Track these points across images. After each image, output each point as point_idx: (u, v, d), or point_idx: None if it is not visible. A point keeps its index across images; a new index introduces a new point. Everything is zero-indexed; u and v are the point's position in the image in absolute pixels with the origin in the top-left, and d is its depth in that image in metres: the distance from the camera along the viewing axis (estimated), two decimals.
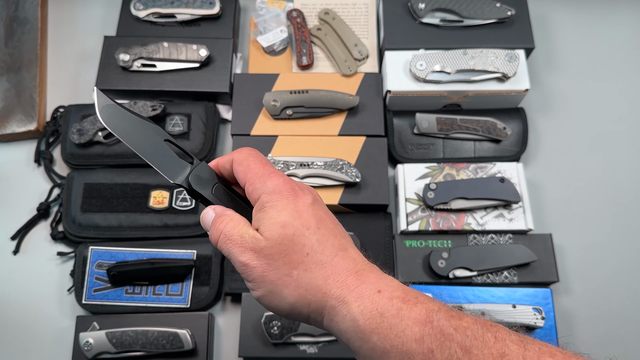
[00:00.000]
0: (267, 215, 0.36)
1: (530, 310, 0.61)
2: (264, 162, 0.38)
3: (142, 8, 0.78)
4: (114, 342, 0.61)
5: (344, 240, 0.37)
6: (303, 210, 0.36)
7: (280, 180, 0.37)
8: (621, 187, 0.74)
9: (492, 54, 0.71)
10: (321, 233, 0.36)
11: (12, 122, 0.75)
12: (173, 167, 0.40)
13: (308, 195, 0.37)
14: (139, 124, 0.39)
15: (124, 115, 0.39)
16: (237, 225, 0.37)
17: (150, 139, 0.40)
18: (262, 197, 0.36)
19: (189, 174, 0.39)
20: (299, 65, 0.76)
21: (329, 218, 0.38)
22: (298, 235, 0.35)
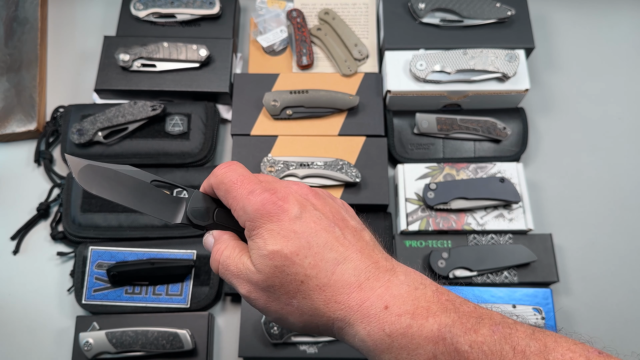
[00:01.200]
0: (255, 245, 0.34)
1: (530, 310, 0.61)
2: (239, 179, 0.36)
3: (142, 8, 0.78)
4: (113, 342, 0.61)
5: (343, 246, 0.34)
6: (290, 231, 0.33)
7: (259, 199, 0.34)
8: (621, 187, 0.74)
9: (492, 54, 0.71)
10: (313, 253, 0.33)
11: (12, 122, 0.75)
12: (168, 207, 0.38)
13: (293, 206, 0.34)
14: (121, 175, 0.38)
15: (103, 173, 0.37)
16: (232, 253, 0.36)
17: (137, 186, 0.38)
18: (246, 224, 0.35)
19: (185, 209, 0.38)
20: (299, 65, 0.76)
21: (322, 222, 0.34)
22: (288, 265, 0.33)
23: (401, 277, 0.33)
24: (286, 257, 0.33)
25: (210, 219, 0.38)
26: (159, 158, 0.71)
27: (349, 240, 0.34)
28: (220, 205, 0.38)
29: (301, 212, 0.34)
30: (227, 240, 0.37)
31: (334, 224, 0.35)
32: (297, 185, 0.37)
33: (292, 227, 0.33)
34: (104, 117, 0.71)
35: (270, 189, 0.35)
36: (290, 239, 0.33)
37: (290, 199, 0.34)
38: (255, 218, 0.34)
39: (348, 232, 0.35)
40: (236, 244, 0.36)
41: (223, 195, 0.36)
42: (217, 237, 0.38)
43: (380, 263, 0.34)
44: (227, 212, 0.38)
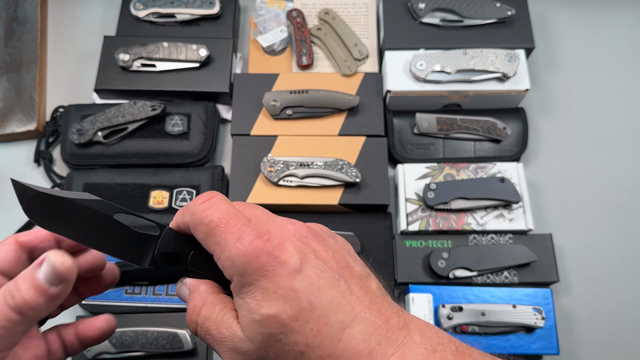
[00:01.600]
0: (245, 306, 0.28)
1: (530, 310, 0.61)
2: (223, 220, 0.29)
3: (141, 8, 0.78)
4: (113, 342, 0.61)
5: (350, 304, 0.28)
6: (288, 289, 0.27)
7: (250, 249, 0.28)
8: (621, 187, 0.74)
9: (492, 53, 0.71)
10: (316, 317, 0.27)
11: (11, 122, 0.75)
12: (134, 246, 0.32)
13: (292, 256, 0.28)
14: (77, 207, 0.31)
15: (56, 204, 0.30)
16: (212, 312, 0.29)
17: (96, 221, 0.31)
18: (234, 279, 0.28)
19: (154, 251, 0.32)
20: (298, 65, 0.76)
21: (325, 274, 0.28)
22: (285, 333, 0.27)
23: (416, 338, 0.28)
24: (283, 324, 0.27)
25: (184, 265, 0.32)
26: (158, 158, 0.71)
27: (356, 294, 0.29)
28: (195, 246, 0.32)
29: (301, 263, 0.28)
30: (205, 294, 0.30)
31: (339, 275, 0.29)
32: (294, 225, 0.31)
33: (290, 284, 0.27)
34: (103, 117, 0.71)
35: (263, 234, 0.28)
36: (289, 299, 0.27)
37: (287, 246, 0.28)
38: (246, 272, 0.28)
39: (354, 283, 0.29)
40: (216, 299, 0.30)
41: (203, 239, 0.30)
42: (192, 289, 0.31)
43: (391, 320, 0.28)
44: (204, 256, 0.31)
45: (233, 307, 0.29)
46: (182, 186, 0.70)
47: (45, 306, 0.29)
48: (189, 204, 0.31)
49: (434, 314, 0.62)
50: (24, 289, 0.28)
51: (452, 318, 0.61)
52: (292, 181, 0.67)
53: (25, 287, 0.28)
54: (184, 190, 0.70)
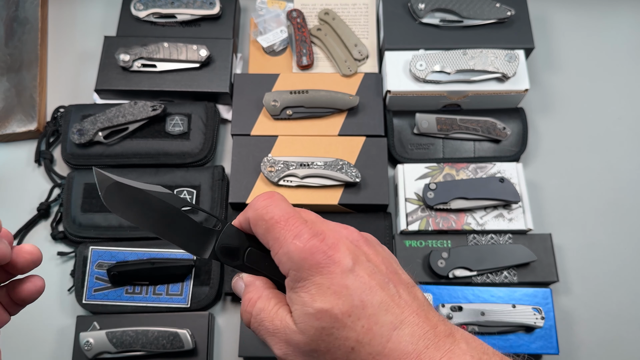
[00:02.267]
0: (300, 300, 0.29)
1: (530, 310, 0.61)
2: (283, 217, 0.31)
3: (142, 8, 0.78)
4: (114, 342, 0.61)
5: (399, 307, 0.29)
6: (342, 286, 0.28)
7: (307, 246, 0.29)
8: (621, 187, 0.74)
9: (492, 54, 0.71)
10: (367, 314, 0.28)
11: (12, 122, 0.75)
12: (197, 239, 0.34)
13: (345, 257, 0.29)
14: (150, 198, 0.34)
15: (131, 193, 0.33)
16: (266, 305, 0.31)
17: (166, 212, 0.34)
18: (290, 273, 0.30)
19: (214, 244, 0.34)
20: (299, 66, 0.76)
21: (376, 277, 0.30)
22: (338, 328, 0.28)
23: (463, 346, 0.29)
24: (336, 318, 0.28)
25: (241, 259, 0.34)
26: (159, 158, 0.71)
27: (405, 299, 0.30)
28: (253, 243, 0.34)
29: (354, 263, 0.29)
30: (260, 289, 0.32)
31: (388, 279, 0.30)
32: (347, 229, 0.33)
33: (344, 281, 0.29)
34: (104, 117, 0.71)
35: (319, 234, 0.30)
36: (342, 296, 0.28)
37: (341, 247, 0.30)
38: (302, 268, 0.29)
39: (402, 289, 0.30)
40: (271, 294, 0.32)
41: (262, 234, 0.32)
42: (249, 283, 0.33)
43: (438, 327, 0.29)
44: (260, 254, 0.34)
45: (286, 302, 0.31)
46: (183, 186, 0.70)
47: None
48: (252, 201, 0.33)
49: None
50: None
51: (451, 318, 0.61)
52: (292, 181, 0.67)
53: None
54: (184, 190, 0.70)
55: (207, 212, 0.35)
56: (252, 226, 0.33)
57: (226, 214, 0.71)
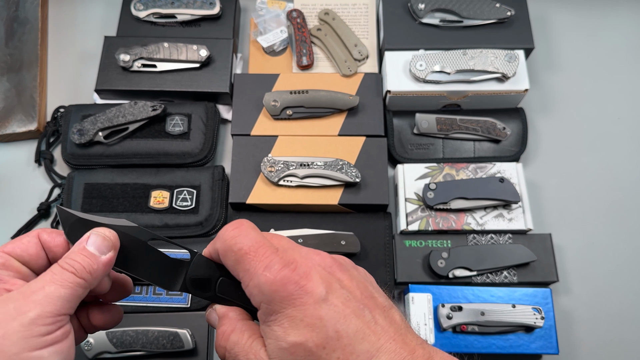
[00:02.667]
0: (272, 334, 0.29)
1: (529, 310, 0.61)
2: (252, 248, 0.30)
3: (142, 8, 0.78)
4: (114, 342, 0.61)
5: (375, 334, 0.28)
6: (315, 318, 0.28)
7: (278, 277, 0.28)
8: (621, 187, 0.74)
9: (492, 54, 0.71)
10: (343, 345, 0.28)
11: (12, 122, 0.75)
12: (167, 272, 0.33)
13: (318, 286, 0.29)
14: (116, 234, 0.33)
15: None
16: (240, 339, 0.30)
17: (132, 246, 0.33)
18: (262, 306, 0.29)
19: (185, 275, 0.33)
20: (299, 66, 0.76)
21: (351, 304, 0.29)
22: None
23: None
24: (310, 352, 0.27)
25: (212, 290, 0.33)
26: (159, 158, 0.72)
27: (381, 325, 0.29)
28: (224, 273, 0.33)
29: (327, 292, 0.29)
30: (234, 321, 0.32)
31: (364, 305, 0.30)
32: (319, 255, 0.32)
33: (317, 312, 0.28)
34: (104, 117, 0.71)
35: (290, 263, 0.29)
36: (316, 327, 0.28)
37: (313, 276, 0.29)
38: (274, 300, 0.28)
39: (378, 314, 0.30)
40: (245, 326, 0.31)
41: (232, 265, 0.31)
42: (222, 315, 0.32)
43: (416, 352, 0.29)
44: (232, 283, 0.33)
45: (260, 334, 0.30)
46: (183, 186, 0.70)
47: (99, 272, 0.31)
48: (220, 231, 0.32)
49: (434, 314, 0.62)
50: (79, 259, 0.31)
51: (451, 318, 0.61)
52: (292, 181, 0.67)
53: (80, 258, 0.31)
54: (185, 190, 0.70)
55: (175, 243, 0.34)
56: (221, 257, 0.32)
57: (226, 214, 0.71)
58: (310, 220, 0.68)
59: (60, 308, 0.29)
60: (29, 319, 0.28)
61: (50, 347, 0.28)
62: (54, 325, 0.28)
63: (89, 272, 0.31)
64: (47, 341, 0.28)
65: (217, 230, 0.69)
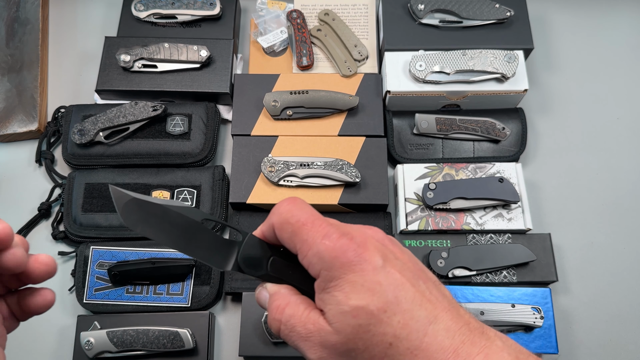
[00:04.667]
0: (333, 299, 0.29)
1: (529, 309, 0.61)
2: (309, 220, 0.31)
3: (142, 9, 0.78)
4: (114, 342, 0.61)
5: (431, 303, 0.29)
6: (375, 283, 0.28)
7: (337, 245, 0.29)
8: (620, 187, 0.74)
9: (491, 54, 0.71)
10: (403, 310, 0.28)
11: (13, 122, 0.76)
12: (219, 251, 0.34)
13: (375, 255, 0.29)
14: (169, 213, 0.33)
15: (149, 209, 0.33)
16: (296, 311, 0.31)
17: (186, 227, 0.33)
18: (321, 274, 0.30)
19: (237, 256, 0.34)
20: (299, 66, 0.77)
21: (406, 273, 0.30)
22: (374, 324, 0.28)
23: (499, 343, 0.29)
24: (372, 315, 0.28)
25: (264, 269, 0.33)
26: (159, 158, 0.72)
27: (435, 295, 0.30)
28: (275, 252, 0.34)
29: (384, 261, 0.30)
30: (287, 295, 0.32)
31: (417, 276, 0.30)
32: (372, 230, 0.33)
33: (376, 278, 0.29)
34: (105, 117, 0.71)
35: (346, 234, 0.30)
36: (376, 292, 0.28)
37: (369, 245, 0.30)
38: (334, 267, 0.29)
39: (431, 285, 0.31)
40: (299, 300, 0.32)
41: (288, 237, 0.31)
42: (274, 292, 0.33)
43: (472, 324, 0.29)
44: (284, 262, 0.34)
45: (315, 306, 0.31)
46: (183, 186, 0.70)
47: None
48: (274, 207, 0.33)
49: None
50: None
51: None
52: (292, 181, 0.68)
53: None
54: (185, 190, 0.70)
55: (229, 226, 0.35)
56: (277, 231, 0.32)
57: (226, 214, 0.71)
58: None
59: None
60: None
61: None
62: None
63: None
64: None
65: (217, 230, 0.70)
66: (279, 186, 0.68)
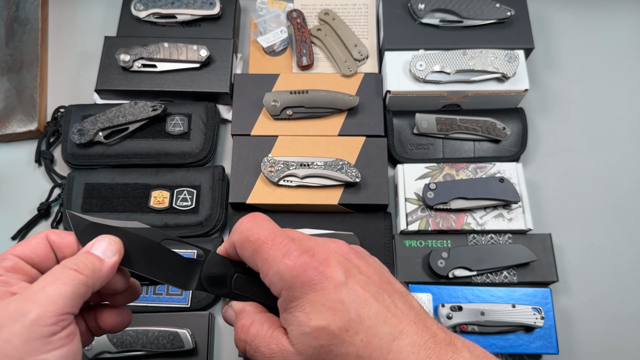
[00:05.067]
0: (295, 320, 0.29)
1: (529, 310, 0.61)
2: (269, 237, 0.30)
3: (142, 8, 0.78)
4: (114, 342, 0.61)
5: (396, 317, 0.29)
6: (336, 301, 0.28)
7: (298, 263, 0.29)
8: (621, 187, 0.74)
9: (492, 54, 0.71)
10: (365, 327, 0.28)
11: (12, 122, 0.76)
12: (182, 271, 0.33)
13: (337, 271, 0.29)
14: (128, 235, 0.33)
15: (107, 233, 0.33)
16: (260, 330, 0.30)
17: (146, 248, 0.33)
18: (282, 293, 0.29)
19: (200, 275, 0.33)
20: (299, 66, 0.77)
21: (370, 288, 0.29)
22: (336, 344, 0.28)
23: (465, 354, 0.28)
24: (334, 335, 0.27)
25: (228, 287, 0.33)
26: (159, 158, 0.72)
27: (401, 309, 0.29)
28: (239, 269, 0.34)
29: (346, 277, 0.29)
30: (252, 314, 0.32)
31: (382, 289, 0.30)
32: (335, 243, 0.32)
33: (338, 296, 0.28)
34: (104, 117, 0.71)
35: (308, 251, 0.30)
36: (338, 311, 0.28)
37: (332, 261, 0.29)
38: (294, 287, 0.29)
39: (397, 298, 0.30)
40: (264, 318, 0.31)
41: (249, 256, 0.31)
42: (240, 310, 0.32)
43: (438, 336, 0.29)
44: (248, 279, 0.33)
45: (280, 325, 0.30)
46: (183, 186, 0.70)
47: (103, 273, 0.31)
48: (235, 224, 0.32)
49: (434, 314, 0.62)
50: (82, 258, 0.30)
51: (451, 317, 0.61)
52: (292, 181, 0.68)
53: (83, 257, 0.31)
54: (185, 190, 0.70)
55: (188, 243, 0.34)
56: (238, 249, 0.32)
57: (226, 214, 0.71)
58: (310, 220, 0.68)
59: (62, 306, 0.28)
60: (30, 320, 0.27)
61: (56, 352, 0.27)
62: (57, 326, 0.28)
63: (92, 270, 0.30)
64: (52, 343, 0.27)
65: (217, 230, 0.70)
66: (279, 186, 0.68)
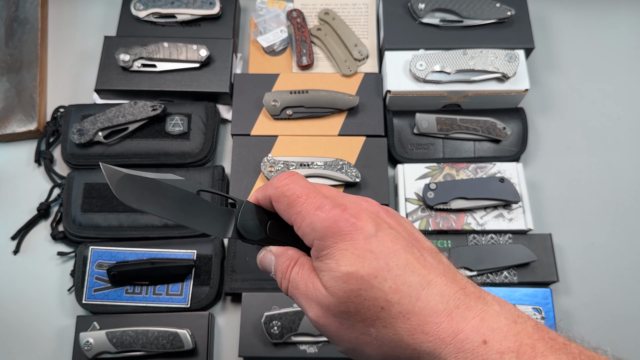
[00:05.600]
0: (326, 266, 0.30)
1: (530, 310, 0.61)
2: (304, 192, 0.32)
3: (142, 8, 0.78)
4: (114, 342, 0.61)
5: (425, 268, 0.30)
6: (366, 250, 0.29)
7: (329, 215, 0.30)
8: (621, 187, 0.74)
9: (492, 54, 0.71)
10: (394, 275, 0.29)
11: (12, 122, 0.75)
12: (217, 220, 0.35)
13: (368, 223, 0.30)
14: (164, 186, 0.33)
15: (143, 184, 0.33)
16: (301, 270, 0.32)
17: (182, 198, 0.34)
18: (314, 243, 0.31)
19: (235, 223, 0.35)
20: (299, 66, 0.76)
21: (399, 241, 0.30)
22: (366, 289, 0.29)
23: (496, 307, 0.29)
24: (363, 280, 0.29)
25: (263, 233, 0.35)
26: (159, 158, 0.72)
27: (430, 262, 0.30)
28: (272, 217, 0.35)
29: (376, 230, 0.30)
30: (295, 254, 0.34)
31: (412, 244, 0.31)
32: (367, 201, 0.33)
33: (368, 246, 0.29)
34: (104, 117, 0.71)
35: (340, 205, 0.31)
36: (367, 259, 0.29)
37: (363, 215, 0.31)
38: (326, 236, 0.30)
39: (426, 253, 0.31)
40: (305, 260, 0.33)
41: (284, 210, 0.33)
42: (280, 253, 0.34)
43: (468, 289, 0.30)
44: (281, 226, 0.35)
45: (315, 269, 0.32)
46: None
47: None
48: (271, 180, 0.34)
49: None
50: None
51: None
52: None
53: None
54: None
55: (223, 195, 0.36)
56: (274, 203, 0.34)
57: None
58: None
59: None
60: None
61: None
62: None
63: None
64: None
65: None
66: None
